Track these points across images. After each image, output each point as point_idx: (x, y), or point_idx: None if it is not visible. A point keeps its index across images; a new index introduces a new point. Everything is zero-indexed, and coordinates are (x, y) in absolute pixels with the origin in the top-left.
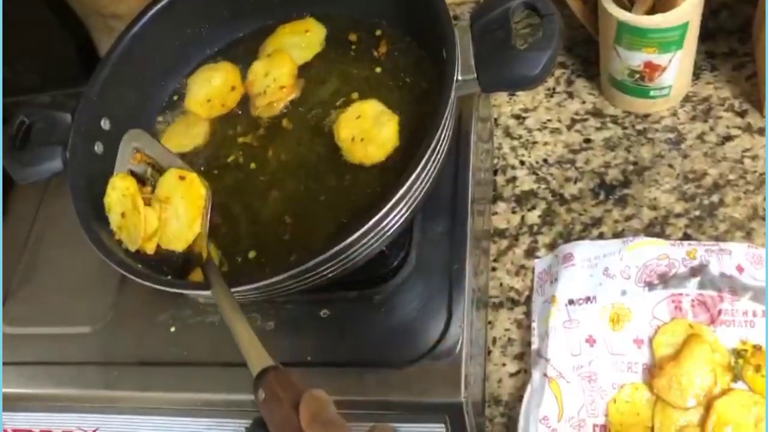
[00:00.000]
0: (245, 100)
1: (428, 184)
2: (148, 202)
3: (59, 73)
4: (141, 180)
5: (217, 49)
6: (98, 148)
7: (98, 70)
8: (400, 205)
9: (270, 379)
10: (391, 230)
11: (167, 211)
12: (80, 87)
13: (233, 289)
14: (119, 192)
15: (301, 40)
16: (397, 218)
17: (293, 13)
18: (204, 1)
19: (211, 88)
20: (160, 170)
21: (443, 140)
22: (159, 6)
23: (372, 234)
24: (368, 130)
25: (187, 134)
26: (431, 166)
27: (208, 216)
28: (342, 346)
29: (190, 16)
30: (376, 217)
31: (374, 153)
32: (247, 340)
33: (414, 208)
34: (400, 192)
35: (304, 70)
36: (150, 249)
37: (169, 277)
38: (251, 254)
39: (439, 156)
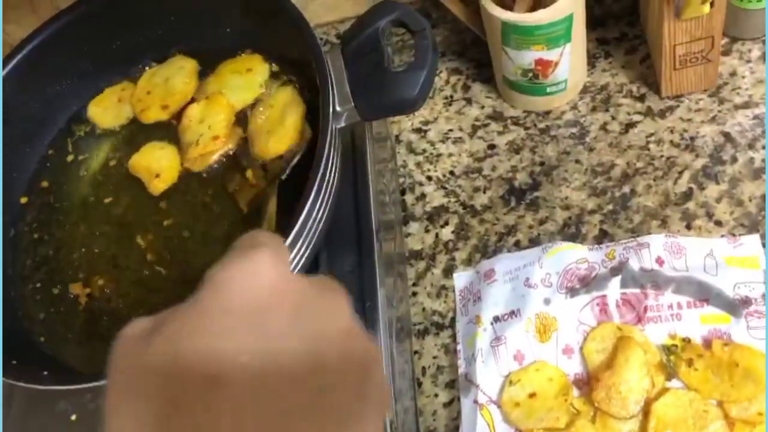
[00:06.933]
0: None
1: (322, 222)
2: None
3: None
4: None
5: (83, 105)
6: None
7: None
8: (297, 246)
9: None
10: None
11: None
12: None
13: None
14: None
15: (241, 81)
16: (296, 259)
17: (159, 53)
18: (61, 58)
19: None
20: None
21: (330, 173)
22: (8, 69)
23: None
24: None
25: None
26: (322, 201)
27: None
28: None
29: (47, 77)
30: None
31: None
32: None
33: (313, 246)
34: (293, 233)
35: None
36: None
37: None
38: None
39: (329, 190)
